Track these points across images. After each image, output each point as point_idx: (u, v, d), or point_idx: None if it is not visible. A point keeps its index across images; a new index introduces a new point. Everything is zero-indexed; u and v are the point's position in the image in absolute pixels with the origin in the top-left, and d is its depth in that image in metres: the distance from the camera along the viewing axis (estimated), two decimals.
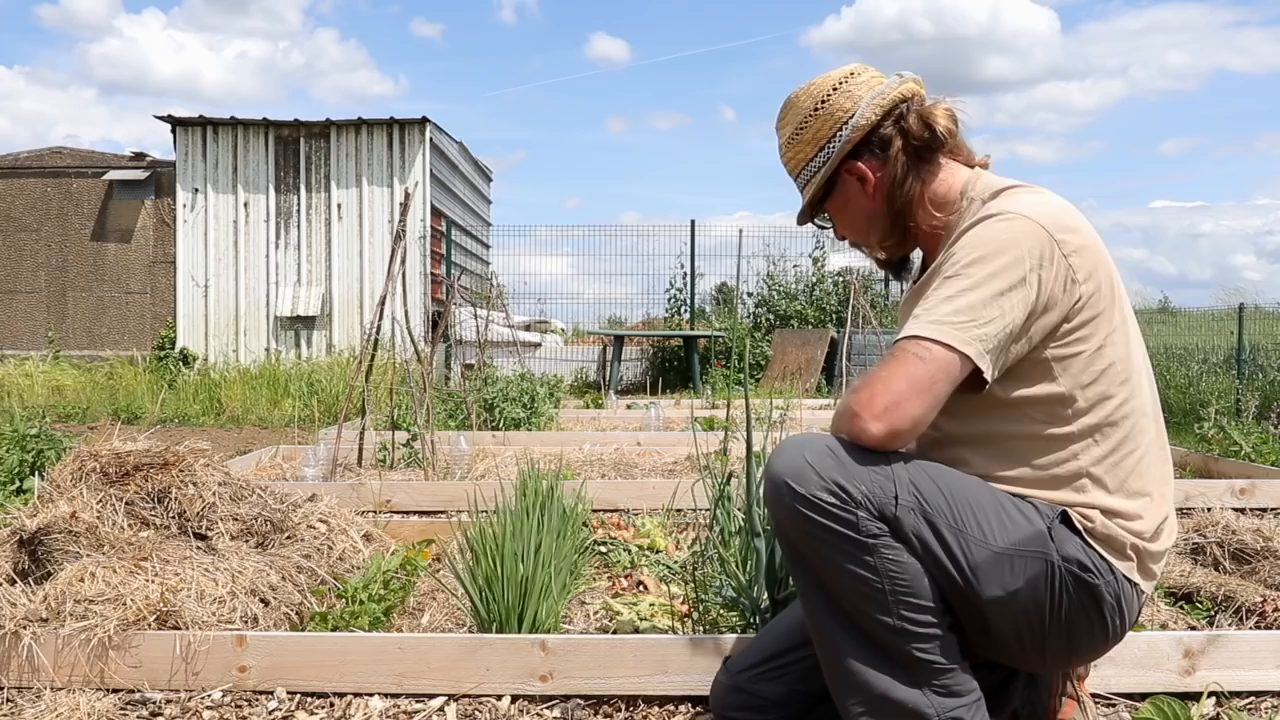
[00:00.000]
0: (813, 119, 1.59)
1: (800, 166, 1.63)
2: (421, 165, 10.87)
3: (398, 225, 4.73)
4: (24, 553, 2.27)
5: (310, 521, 2.73)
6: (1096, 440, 1.45)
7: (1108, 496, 1.45)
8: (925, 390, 1.35)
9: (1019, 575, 1.40)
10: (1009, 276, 1.38)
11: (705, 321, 12.58)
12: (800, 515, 1.36)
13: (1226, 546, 2.87)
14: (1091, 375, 1.44)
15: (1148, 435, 1.49)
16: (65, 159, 11.50)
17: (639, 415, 7.16)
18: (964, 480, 1.44)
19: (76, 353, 11.16)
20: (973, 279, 1.39)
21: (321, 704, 1.93)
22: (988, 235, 1.42)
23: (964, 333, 1.36)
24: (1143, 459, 1.47)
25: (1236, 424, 5.79)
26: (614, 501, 3.72)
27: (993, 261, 1.39)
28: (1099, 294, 1.44)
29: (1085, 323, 1.43)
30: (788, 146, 1.65)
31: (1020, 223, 1.42)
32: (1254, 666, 1.95)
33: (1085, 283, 1.42)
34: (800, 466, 1.36)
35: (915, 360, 1.36)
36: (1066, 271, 1.41)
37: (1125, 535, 1.44)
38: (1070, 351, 1.43)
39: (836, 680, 1.43)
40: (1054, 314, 1.41)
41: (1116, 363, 1.45)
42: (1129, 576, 1.45)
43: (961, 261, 1.41)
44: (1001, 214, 1.44)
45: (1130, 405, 1.46)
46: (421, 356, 5.04)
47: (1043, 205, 1.45)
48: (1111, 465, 1.45)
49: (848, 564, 1.36)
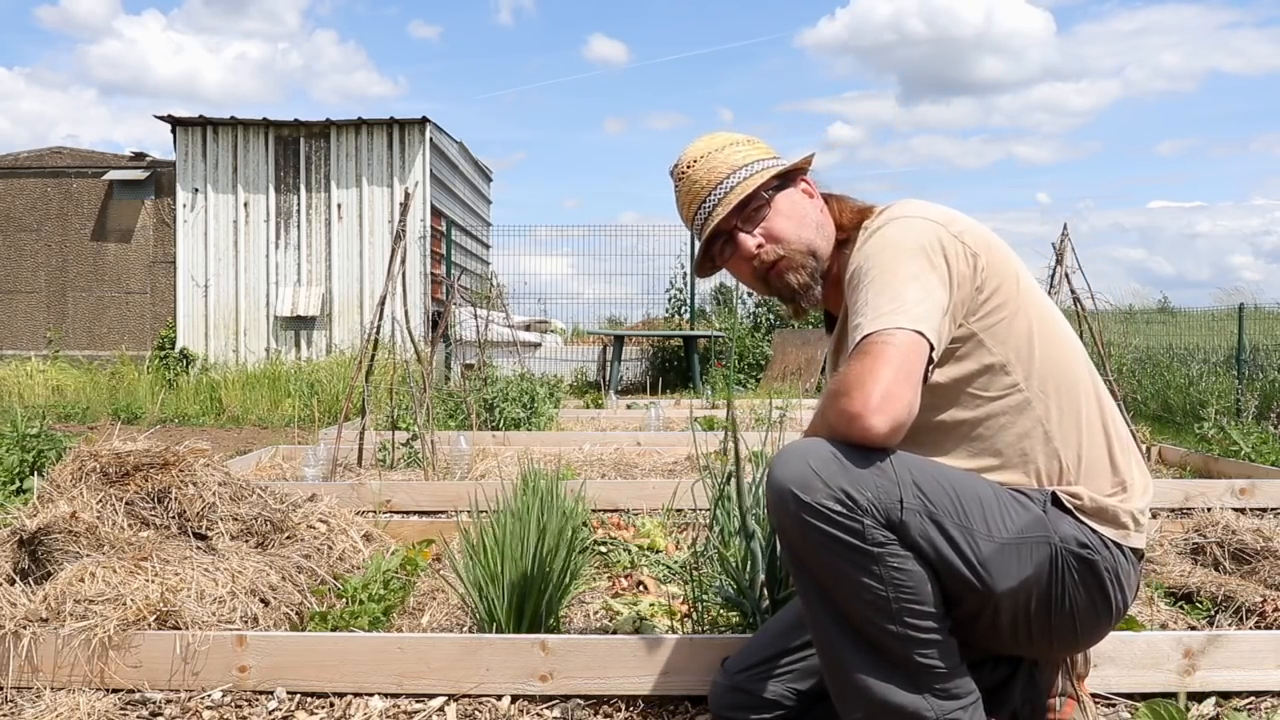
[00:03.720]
0: (712, 161, 1.68)
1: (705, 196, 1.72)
2: (421, 165, 10.87)
3: (398, 225, 4.73)
4: (24, 553, 2.27)
5: (310, 521, 2.73)
6: (1048, 401, 1.50)
7: (1079, 460, 1.50)
8: (907, 375, 1.36)
9: (1027, 563, 1.42)
10: (917, 263, 1.46)
11: (705, 321, 12.59)
12: (806, 524, 1.36)
13: (1226, 546, 2.87)
14: (1019, 338, 1.51)
15: (1098, 392, 1.56)
16: (65, 159, 11.50)
17: (639, 415, 7.15)
18: (961, 475, 1.45)
19: (76, 353, 11.16)
20: (887, 275, 1.45)
21: (321, 704, 1.94)
22: (883, 239, 1.51)
23: (907, 314, 1.40)
24: (1100, 413, 1.54)
25: (1236, 424, 5.79)
26: (614, 501, 3.72)
27: (899, 255, 1.47)
28: (997, 264, 1.52)
29: (995, 290, 1.50)
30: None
31: (906, 221, 1.52)
32: (1254, 666, 1.95)
33: (983, 254, 1.51)
34: (806, 474, 1.36)
35: (885, 348, 1.37)
36: (962, 247, 1.50)
37: (1111, 503, 1.49)
38: (992, 320, 1.50)
39: (838, 686, 1.44)
40: (966, 286, 1.49)
41: (1039, 323, 1.53)
42: (1122, 543, 1.48)
43: (870, 267, 1.48)
44: (888, 222, 1.53)
45: (1068, 361, 1.54)
46: (421, 356, 5.04)
47: (922, 205, 1.56)
48: (1072, 425, 1.51)
49: (852, 572, 1.36)
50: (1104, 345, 5.69)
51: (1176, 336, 10.72)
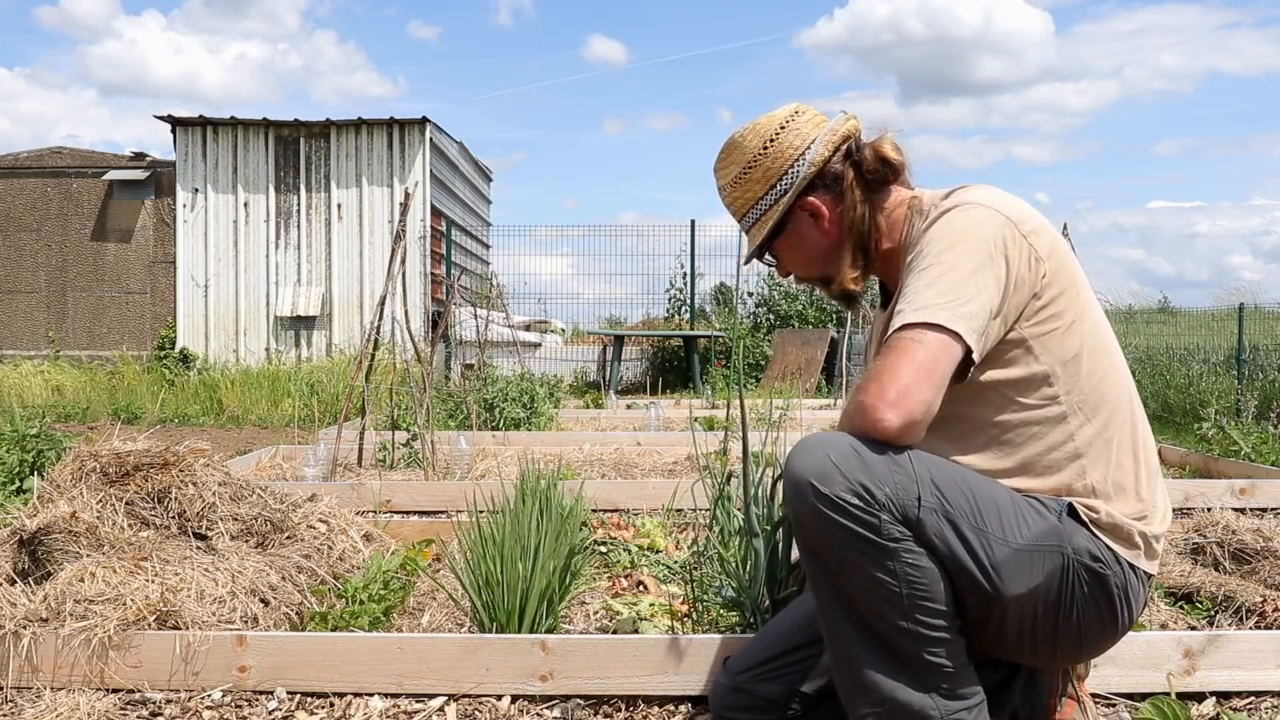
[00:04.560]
0: (762, 157, 1.63)
1: (749, 205, 1.67)
2: (421, 165, 10.87)
3: (398, 225, 4.73)
4: (24, 553, 2.27)
5: (310, 521, 2.73)
6: (1086, 418, 1.48)
7: (1105, 481, 1.48)
8: (929, 373, 1.36)
9: (1038, 570, 1.42)
10: (978, 257, 1.43)
11: (705, 321, 12.59)
12: (823, 516, 1.36)
13: (1226, 546, 2.87)
14: (1069, 351, 1.48)
15: (1134, 414, 1.54)
16: (65, 159, 11.50)
17: (639, 415, 7.15)
18: (980, 479, 1.46)
19: (76, 353, 11.16)
20: (945, 264, 1.43)
21: (321, 704, 1.94)
22: (951, 226, 1.48)
23: (950, 311, 1.39)
24: (1133, 436, 1.52)
25: (1236, 424, 5.79)
26: (614, 501, 3.72)
27: (960, 247, 1.44)
28: (1061, 271, 1.49)
29: (1054, 299, 1.48)
30: (734, 186, 1.68)
31: (978, 210, 1.48)
32: (1254, 666, 1.95)
33: (1048, 260, 1.48)
34: (825, 466, 1.36)
35: (913, 345, 1.37)
36: (1029, 250, 1.47)
37: (1129, 522, 1.48)
38: (1045, 329, 1.48)
39: (846, 681, 1.44)
40: (1024, 291, 1.46)
41: (1090, 338, 1.50)
42: (1134, 563, 1.48)
43: (931, 253, 1.46)
44: (958, 206, 1.50)
45: (1111, 380, 1.52)
46: (421, 356, 5.04)
47: (995, 196, 1.53)
48: (1104, 445, 1.49)
49: (866, 566, 1.36)
50: None
51: (1176, 336, 10.72)
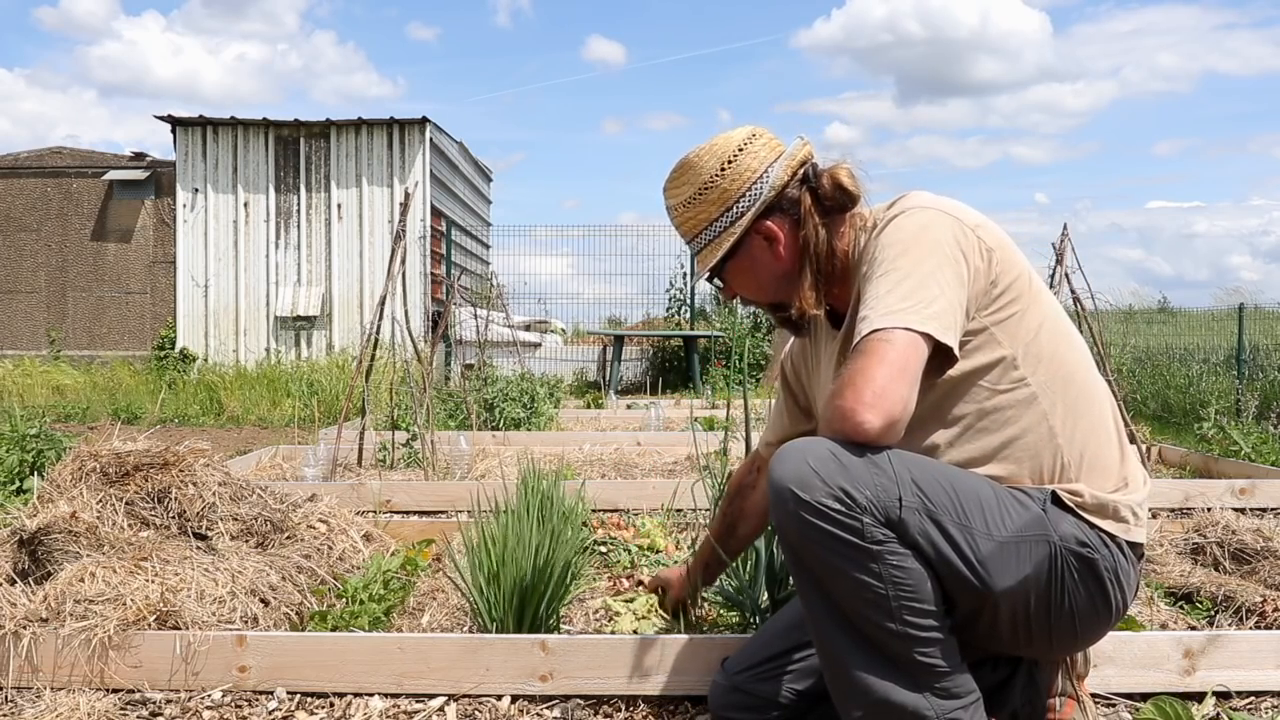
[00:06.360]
0: (719, 178, 1.63)
1: (701, 227, 1.67)
2: (421, 165, 10.87)
3: (398, 225, 4.73)
4: (24, 553, 2.27)
5: (310, 521, 2.73)
6: (1056, 396, 1.51)
7: (1081, 457, 1.50)
8: (902, 371, 1.37)
9: (1026, 561, 1.42)
10: (935, 257, 1.45)
11: (705, 321, 12.58)
12: (805, 522, 1.36)
13: (1226, 546, 2.87)
14: (1029, 333, 1.51)
15: (1098, 388, 1.57)
16: (65, 159, 11.50)
17: (639, 415, 7.15)
18: (961, 473, 1.46)
19: (76, 353, 11.16)
20: (903, 268, 1.45)
21: (321, 704, 1.94)
22: (901, 232, 1.50)
23: (917, 314, 1.40)
24: (1100, 410, 1.55)
25: (1236, 424, 5.79)
26: (614, 501, 3.72)
27: (914, 249, 1.46)
28: (1011, 260, 1.52)
29: (1008, 286, 1.51)
30: (686, 206, 1.67)
31: (923, 213, 1.51)
32: (1254, 666, 1.96)
33: (998, 250, 1.51)
34: (804, 473, 1.36)
35: (882, 345, 1.38)
36: (978, 242, 1.50)
37: (1112, 498, 1.49)
38: (1004, 315, 1.50)
39: (838, 684, 1.44)
40: (981, 281, 1.49)
41: (1046, 319, 1.53)
42: (1123, 538, 1.49)
43: (886, 259, 1.47)
44: (904, 212, 1.53)
45: (1073, 359, 1.54)
46: (421, 356, 5.04)
47: (935, 199, 1.56)
48: (1076, 421, 1.51)
49: (852, 570, 1.36)
50: (1104, 345, 5.69)
51: (1176, 336, 10.73)
